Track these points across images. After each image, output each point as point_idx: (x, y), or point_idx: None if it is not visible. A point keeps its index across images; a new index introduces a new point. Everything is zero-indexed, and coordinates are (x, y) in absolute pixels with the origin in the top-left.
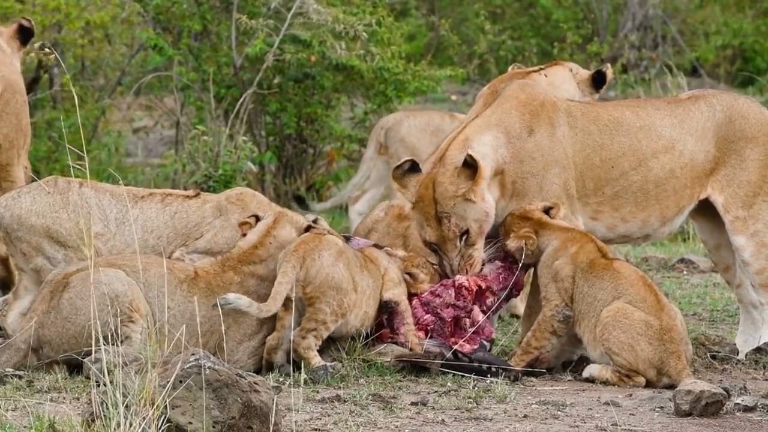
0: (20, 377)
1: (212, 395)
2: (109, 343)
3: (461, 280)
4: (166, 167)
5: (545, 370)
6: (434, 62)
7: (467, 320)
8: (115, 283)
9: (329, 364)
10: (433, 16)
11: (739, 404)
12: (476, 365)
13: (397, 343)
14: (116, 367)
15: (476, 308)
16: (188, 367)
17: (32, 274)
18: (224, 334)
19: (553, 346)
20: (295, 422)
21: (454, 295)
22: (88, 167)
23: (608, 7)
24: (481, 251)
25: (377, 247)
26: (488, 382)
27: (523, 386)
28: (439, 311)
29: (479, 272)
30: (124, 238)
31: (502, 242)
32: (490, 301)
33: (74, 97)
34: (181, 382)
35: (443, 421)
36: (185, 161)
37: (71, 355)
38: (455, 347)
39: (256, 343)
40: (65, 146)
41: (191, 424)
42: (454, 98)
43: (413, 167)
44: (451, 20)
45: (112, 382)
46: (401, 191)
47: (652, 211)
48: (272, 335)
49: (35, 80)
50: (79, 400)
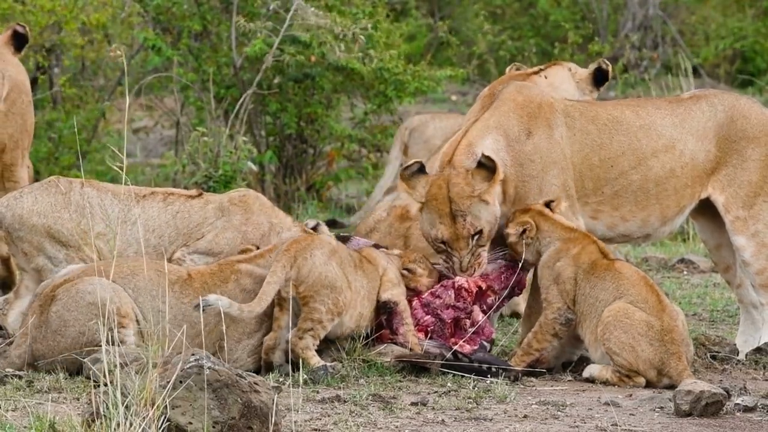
0: (20, 377)
1: (212, 395)
2: (108, 344)
3: (461, 281)
4: (166, 167)
5: (545, 370)
6: (434, 62)
7: (467, 321)
8: (99, 291)
9: (329, 364)
10: (432, 18)
11: (739, 404)
12: (476, 365)
13: (396, 343)
14: (116, 367)
15: (476, 309)
16: (188, 367)
17: (33, 273)
18: (223, 333)
19: (553, 347)
20: (295, 422)
21: (453, 296)
22: (87, 167)
23: (608, 7)
24: (486, 252)
25: (376, 247)
26: (488, 382)
27: (523, 386)
28: (439, 312)
29: (480, 273)
30: (126, 237)
31: (504, 232)
32: (491, 300)
33: (74, 97)
34: (181, 382)
35: (443, 421)
36: (185, 162)
37: (69, 356)
38: (455, 347)
39: (255, 341)
40: (65, 147)
41: (191, 424)
42: (454, 98)
43: (421, 169)
44: (450, 21)
45: (112, 382)
46: (409, 192)
47: (652, 210)
48: (269, 335)
49: (34, 81)
50: (79, 400)
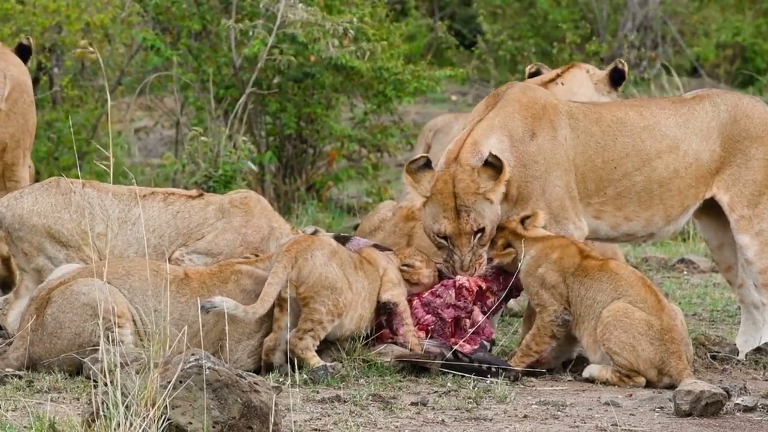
0: (20, 377)
1: (212, 395)
2: (109, 344)
3: (462, 280)
4: (165, 167)
5: (545, 370)
6: (434, 62)
7: (467, 321)
8: (93, 292)
9: (329, 364)
10: (431, 17)
11: (739, 404)
12: (476, 365)
13: (396, 343)
14: (116, 367)
15: (476, 309)
16: (188, 367)
17: (34, 274)
18: (223, 333)
19: (552, 348)
20: (295, 422)
21: (454, 295)
22: (87, 168)
23: (608, 7)
24: (486, 253)
25: (377, 247)
26: (488, 382)
27: (523, 386)
28: (439, 311)
29: (480, 273)
30: (126, 237)
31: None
32: (490, 301)
33: (74, 98)
34: (181, 382)
35: (443, 421)
36: (185, 161)
37: (69, 356)
38: (455, 347)
39: (255, 342)
40: (65, 147)
41: (191, 424)
42: (454, 98)
43: (427, 164)
44: (450, 21)
45: (112, 382)
46: (413, 186)
47: (656, 210)
48: (269, 336)
49: (35, 81)
50: (79, 400)
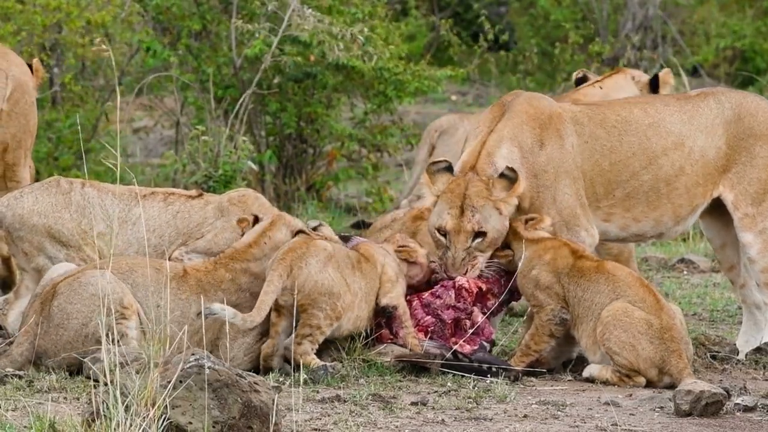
0: (20, 377)
1: (212, 395)
2: (108, 342)
3: (461, 281)
4: (166, 167)
5: (545, 370)
6: (434, 62)
7: (467, 322)
8: (101, 282)
9: (329, 364)
10: (433, 14)
11: (739, 404)
12: (476, 365)
13: (396, 343)
14: (116, 366)
15: (476, 310)
16: (188, 367)
17: (34, 273)
18: (220, 331)
19: (551, 348)
20: (295, 422)
21: (454, 296)
22: (88, 167)
23: (608, 7)
24: (484, 261)
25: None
26: (488, 382)
27: (523, 386)
28: (439, 313)
29: (479, 275)
30: (126, 237)
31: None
32: (491, 303)
33: (74, 97)
34: (181, 382)
35: (443, 421)
36: (185, 161)
37: (72, 355)
38: (455, 347)
39: (251, 340)
40: (64, 147)
41: (191, 424)
42: (454, 98)
43: (448, 168)
44: (452, 20)
45: (112, 382)
46: (429, 185)
47: (664, 210)
48: (267, 342)
49: None
50: (79, 400)
